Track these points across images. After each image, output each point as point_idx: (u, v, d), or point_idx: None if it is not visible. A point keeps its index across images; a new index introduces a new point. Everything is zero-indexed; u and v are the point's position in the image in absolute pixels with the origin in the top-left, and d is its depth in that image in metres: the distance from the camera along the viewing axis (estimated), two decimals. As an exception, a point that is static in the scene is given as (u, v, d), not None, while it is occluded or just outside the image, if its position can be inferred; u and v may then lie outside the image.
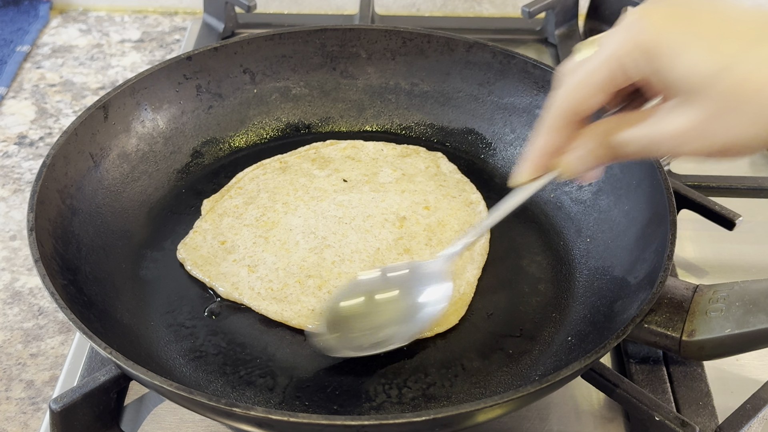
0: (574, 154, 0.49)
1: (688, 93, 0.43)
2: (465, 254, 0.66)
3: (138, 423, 0.58)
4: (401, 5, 1.11)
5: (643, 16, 0.43)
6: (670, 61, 0.43)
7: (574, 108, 0.47)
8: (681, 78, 0.43)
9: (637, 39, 0.43)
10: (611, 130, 0.47)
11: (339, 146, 0.77)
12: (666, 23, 0.43)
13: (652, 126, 0.45)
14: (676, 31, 0.43)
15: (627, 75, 0.45)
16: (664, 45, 0.43)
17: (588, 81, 0.46)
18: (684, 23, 0.43)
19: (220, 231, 0.68)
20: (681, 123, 0.44)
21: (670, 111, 0.45)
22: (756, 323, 0.54)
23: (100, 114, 0.69)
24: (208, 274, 0.64)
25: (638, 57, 0.44)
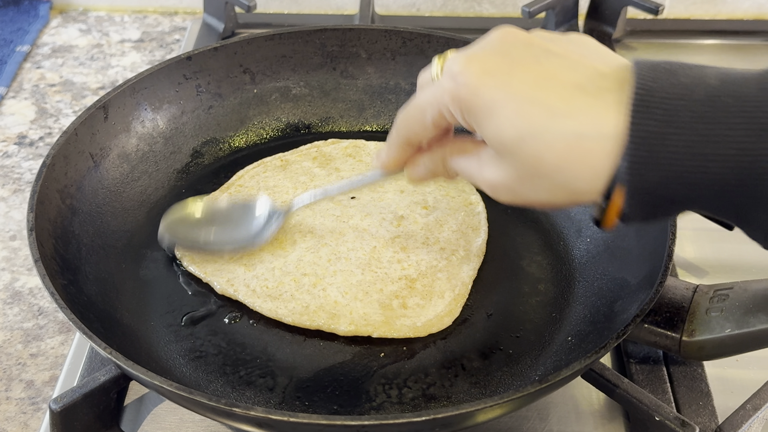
0: (417, 170, 0.54)
1: (497, 151, 0.45)
2: (461, 254, 0.66)
3: (138, 423, 0.58)
4: (401, 5, 1.11)
5: (464, 68, 0.44)
6: (482, 120, 0.44)
7: (409, 137, 0.51)
8: (491, 138, 0.44)
9: (455, 93, 0.44)
10: (450, 154, 0.51)
11: (340, 145, 0.77)
12: (481, 80, 0.43)
13: (477, 167, 0.48)
14: (488, 89, 0.43)
15: (448, 121, 0.47)
16: (476, 104, 0.43)
17: (418, 118, 0.49)
18: (499, 81, 0.43)
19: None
20: (494, 176, 0.46)
21: (490, 159, 0.47)
22: (756, 323, 0.54)
23: (100, 114, 0.69)
24: (205, 271, 0.64)
25: (455, 110, 0.45)
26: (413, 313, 0.61)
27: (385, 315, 0.61)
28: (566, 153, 0.41)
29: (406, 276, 0.63)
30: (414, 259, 0.65)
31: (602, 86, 0.41)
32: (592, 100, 0.41)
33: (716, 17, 1.10)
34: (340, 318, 0.60)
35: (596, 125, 0.40)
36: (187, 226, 0.66)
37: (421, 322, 0.61)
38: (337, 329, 0.60)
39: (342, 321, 0.60)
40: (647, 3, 0.97)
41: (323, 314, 0.60)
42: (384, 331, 0.60)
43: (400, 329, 0.60)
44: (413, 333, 0.60)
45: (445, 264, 0.65)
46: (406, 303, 0.62)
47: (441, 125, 0.48)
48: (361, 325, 0.60)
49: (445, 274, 0.64)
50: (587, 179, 0.41)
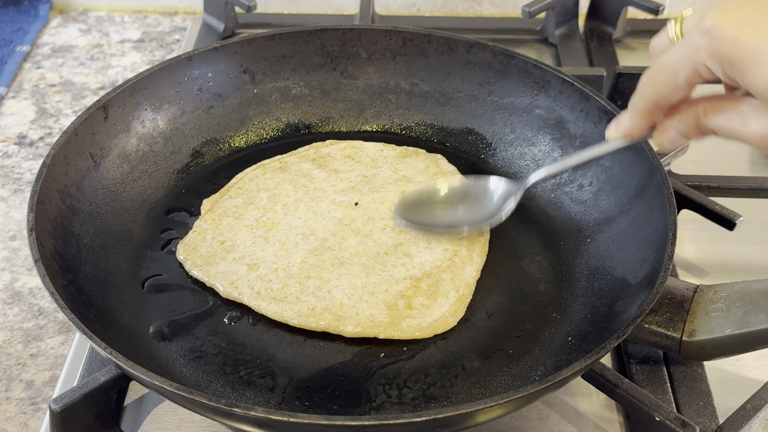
0: (669, 133, 0.52)
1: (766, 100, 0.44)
2: (464, 254, 0.66)
3: (138, 423, 0.58)
4: (401, 5, 1.11)
5: (718, 22, 0.43)
6: (747, 71, 0.43)
7: (658, 101, 0.50)
8: (759, 87, 0.43)
9: (712, 48, 0.44)
10: (704, 114, 0.50)
11: (339, 146, 0.76)
12: (741, 30, 0.43)
13: (740, 122, 0.47)
14: (751, 39, 0.43)
15: (706, 78, 0.46)
16: (739, 55, 0.43)
17: (669, 80, 0.48)
18: (759, 29, 0.42)
19: (220, 231, 0.67)
20: (764, 127, 0.45)
21: (754, 110, 0.46)
22: (756, 323, 0.54)
23: (100, 114, 0.69)
24: (207, 274, 0.64)
25: (715, 65, 0.45)
26: (418, 313, 0.61)
27: (390, 316, 0.61)
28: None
29: (410, 276, 0.63)
30: (417, 261, 0.65)
31: None
32: None
33: (716, 17, 1.09)
34: (346, 319, 0.60)
35: None
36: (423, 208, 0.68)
37: (426, 323, 0.61)
38: (343, 331, 0.60)
39: (348, 322, 0.60)
40: (647, 3, 0.97)
41: (329, 316, 0.60)
42: (390, 333, 0.60)
43: (406, 330, 0.60)
44: (419, 334, 0.60)
45: (448, 265, 0.65)
46: (412, 303, 0.62)
47: (695, 83, 0.48)
48: (368, 326, 0.60)
49: (449, 275, 0.64)
50: None
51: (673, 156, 0.74)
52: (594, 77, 0.83)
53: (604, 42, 1.00)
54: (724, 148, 0.85)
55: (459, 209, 0.68)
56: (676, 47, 0.48)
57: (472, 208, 0.67)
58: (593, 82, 0.83)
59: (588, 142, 0.71)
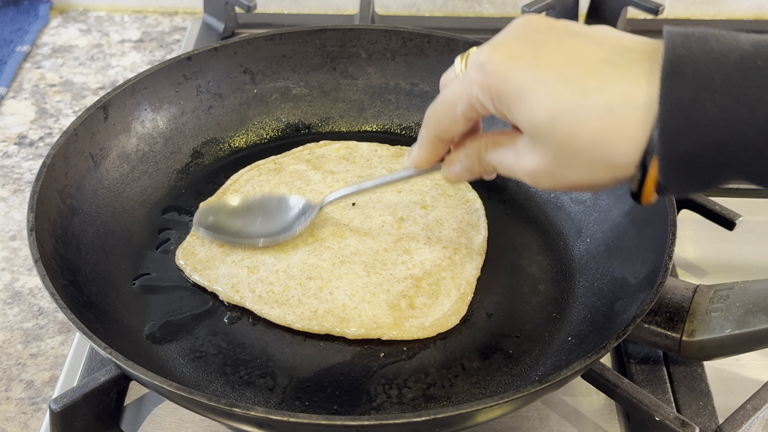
0: (453, 168, 0.54)
1: (531, 136, 0.44)
2: (463, 252, 0.66)
3: (138, 423, 0.58)
4: (401, 5, 1.11)
5: (490, 57, 0.44)
6: (513, 107, 0.44)
7: (439, 134, 0.51)
8: (523, 122, 0.44)
9: (483, 82, 0.44)
10: (485, 148, 0.51)
11: (332, 147, 0.76)
12: (509, 65, 0.43)
13: (513, 157, 0.48)
14: (517, 74, 0.43)
15: (480, 112, 0.47)
16: (506, 90, 0.43)
17: (448, 113, 0.49)
18: (526, 65, 0.43)
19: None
20: (531, 163, 0.46)
21: (525, 146, 0.46)
22: (756, 323, 0.54)
23: (100, 114, 0.69)
24: (208, 278, 0.64)
25: (485, 100, 0.45)
26: (421, 313, 0.61)
27: (393, 316, 0.61)
28: (601, 127, 0.40)
29: (411, 275, 0.63)
30: (418, 259, 0.65)
31: (630, 58, 0.41)
32: (621, 72, 0.41)
33: (716, 17, 1.10)
34: (349, 321, 0.60)
35: (628, 96, 0.40)
36: (222, 216, 0.68)
37: (429, 322, 0.61)
38: (346, 333, 0.60)
39: (351, 324, 0.60)
40: (647, 3, 0.97)
41: (332, 318, 0.60)
42: (393, 334, 0.60)
43: (409, 330, 0.60)
44: (422, 334, 0.60)
45: (448, 263, 0.65)
46: (414, 303, 0.62)
47: (472, 118, 0.48)
48: (371, 328, 0.60)
49: (450, 273, 0.64)
50: (623, 151, 0.41)
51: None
52: (594, 77, 0.83)
53: (604, 42, 1.00)
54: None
55: (257, 221, 0.67)
56: (456, 81, 0.48)
57: (269, 221, 0.67)
58: (593, 82, 0.82)
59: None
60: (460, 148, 0.53)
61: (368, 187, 0.63)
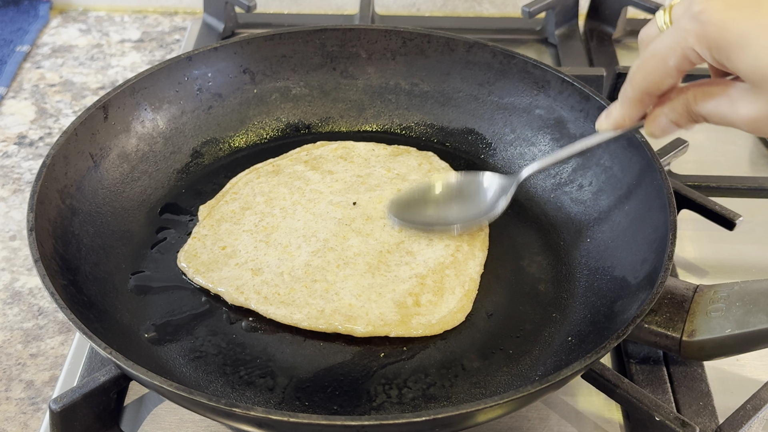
0: (660, 121, 0.52)
1: (755, 83, 0.44)
2: (465, 250, 0.66)
3: (138, 423, 0.58)
4: (401, 5, 1.11)
5: (706, 6, 0.44)
6: (734, 55, 0.44)
7: (649, 88, 0.51)
8: (746, 70, 0.44)
9: (700, 32, 0.44)
10: (694, 100, 0.50)
11: (330, 147, 0.76)
12: (727, 14, 0.43)
13: (729, 106, 0.47)
14: (737, 23, 0.43)
15: (695, 63, 0.47)
16: (726, 39, 0.43)
17: (659, 66, 0.48)
18: (746, 13, 0.43)
19: (219, 236, 0.67)
20: (753, 110, 0.45)
21: (743, 94, 0.46)
22: (756, 323, 0.54)
23: (100, 114, 0.69)
24: (212, 280, 0.64)
25: (703, 50, 0.45)
26: (426, 310, 0.61)
27: (400, 313, 0.61)
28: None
29: (416, 274, 0.64)
30: (421, 258, 0.65)
31: None
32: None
33: (716, 17, 1.09)
34: (356, 319, 0.60)
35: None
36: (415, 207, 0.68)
37: (436, 319, 0.61)
38: (354, 331, 0.60)
39: (359, 322, 0.60)
40: (647, 3, 0.97)
41: (339, 317, 0.60)
42: (401, 331, 0.60)
43: (416, 327, 0.60)
44: (429, 331, 0.60)
45: (451, 260, 0.65)
46: (419, 300, 0.62)
47: (685, 69, 0.48)
48: (378, 325, 0.60)
49: (453, 271, 0.64)
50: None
51: (673, 156, 0.74)
52: (594, 77, 0.83)
53: (604, 42, 1.00)
54: (724, 148, 0.85)
55: (453, 206, 0.68)
56: (666, 34, 0.48)
57: (466, 204, 0.68)
58: (593, 82, 0.83)
59: (588, 142, 0.71)
60: (664, 102, 0.52)
61: (567, 154, 0.63)
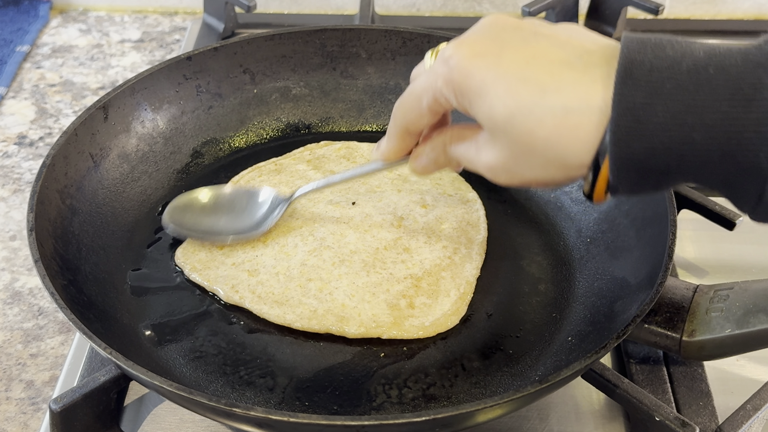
0: (420, 160, 0.54)
1: (490, 132, 0.45)
2: (463, 252, 0.66)
3: (138, 423, 0.58)
4: (401, 5, 1.11)
5: (455, 52, 0.45)
6: (474, 102, 0.45)
7: (406, 126, 0.52)
8: (482, 118, 0.45)
9: (447, 77, 0.46)
10: (450, 141, 0.52)
11: (333, 147, 0.76)
12: (473, 62, 0.44)
13: (475, 151, 0.49)
14: (479, 70, 0.44)
15: (445, 106, 0.48)
16: (468, 86, 0.45)
17: (414, 106, 0.50)
18: (489, 62, 0.44)
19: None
20: (490, 158, 0.47)
21: (484, 142, 0.47)
22: (756, 323, 0.54)
23: (100, 114, 0.69)
24: (208, 278, 0.64)
25: (448, 93, 0.46)
26: (420, 312, 0.61)
27: (393, 315, 0.61)
28: (556, 127, 0.42)
29: (411, 275, 0.63)
30: (417, 258, 0.65)
31: (589, 62, 0.42)
32: (579, 75, 0.42)
33: (716, 17, 1.10)
34: (349, 321, 0.60)
35: (583, 98, 0.41)
36: (191, 213, 0.67)
37: (429, 322, 0.61)
38: (346, 332, 0.60)
39: (351, 323, 0.60)
40: (647, 3, 0.97)
41: (332, 318, 0.60)
42: (393, 333, 0.60)
43: (409, 330, 0.60)
44: (422, 333, 0.60)
45: (448, 263, 0.65)
46: (413, 302, 0.62)
47: (437, 111, 0.49)
48: (371, 327, 0.60)
49: (449, 273, 0.64)
50: (577, 152, 0.42)
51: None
52: (594, 77, 0.83)
53: (604, 42, 1.00)
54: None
55: (224, 217, 0.67)
56: (423, 74, 0.49)
57: (239, 216, 0.67)
58: (593, 82, 0.82)
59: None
60: (427, 140, 0.54)
61: (338, 180, 0.63)
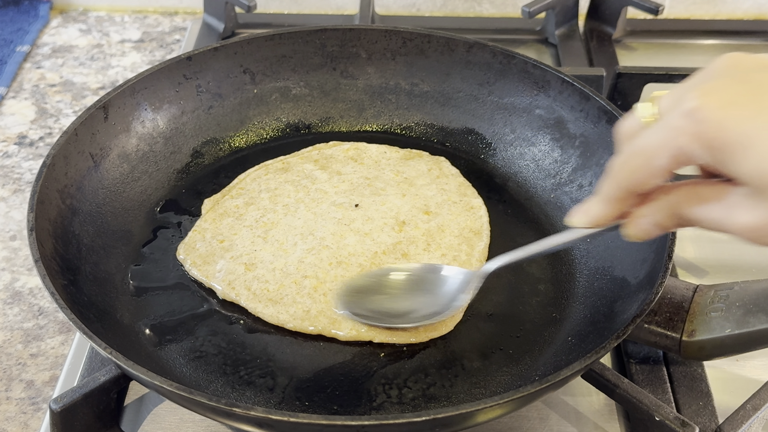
0: (641, 223, 0.48)
1: (758, 189, 0.40)
2: (462, 259, 0.66)
3: (138, 423, 0.58)
4: (401, 5, 1.11)
5: (704, 103, 0.40)
6: (735, 156, 0.40)
7: (632, 188, 0.46)
8: (748, 174, 0.40)
9: (696, 131, 0.40)
10: (682, 204, 0.46)
11: (342, 147, 0.76)
12: (726, 113, 0.39)
13: (725, 212, 0.43)
14: (738, 122, 0.39)
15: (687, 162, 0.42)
16: (726, 140, 0.39)
17: (646, 165, 0.44)
18: (749, 111, 0.39)
19: (220, 231, 0.67)
20: (753, 218, 0.42)
21: (742, 200, 0.42)
22: (756, 323, 0.54)
23: (100, 114, 0.69)
24: (206, 274, 0.64)
25: (699, 149, 0.41)
26: None
27: None
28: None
29: None
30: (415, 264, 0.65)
31: None
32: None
33: (716, 17, 1.10)
34: (341, 323, 0.60)
35: None
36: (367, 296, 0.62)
37: (422, 327, 0.60)
38: (337, 335, 0.60)
39: (343, 326, 0.60)
40: (647, 3, 0.97)
41: (324, 319, 0.60)
42: (385, 337, 0.60)
43: (401, 335, 0.60)
44: (414, 338, 0.60)
45: None
46: None
47: (674, 170, 0.43)
48: (362, 330, 0.60)
49: None
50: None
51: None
52: (594, 77, 0.83)
53: (604, 42, 1.00)
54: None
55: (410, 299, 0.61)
56: (653, 130, 0.43)
57: (425, 298, 0.61)
58: (593, 82, 0.83)
59: (587, 142, 0.71)
60: (650, 201, 0.47)
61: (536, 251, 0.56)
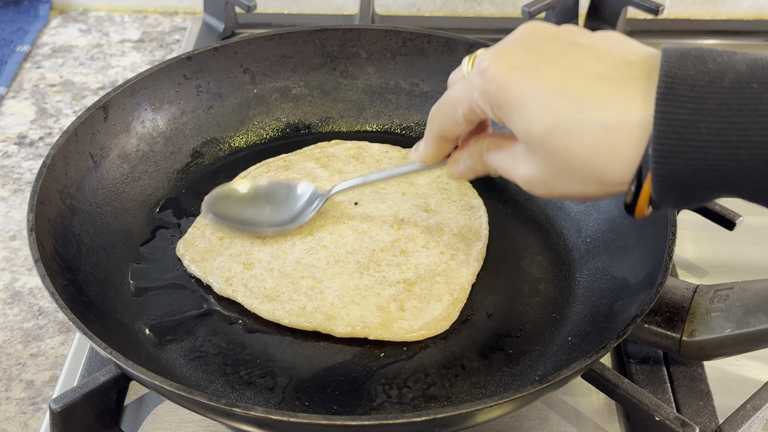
0: (458, 165, 0.54)
1: (527, 146, 0.45)
2: (460, 258, 0.65)
3: (138, 423, 0.58)
4: (401, 5, 1.11)
5: (491, 64, 0.44)
6: (511, 115, 0.44)
7: (442, 133, 0.52)
8: (520, 132, 0.44)
9: (483, 88, 0.45)
10: (487, 150, 0.52)
11: (344, 146, 0.76)
12: (509, 75, 0.44)
13: (511, 162, 0.48)
14: (516, 83, 0.43)
15: (481, 116, 0.48)
16: (505, 99, 0.44)
17: (449, 114, 0.50)
18: (526, 75, 0.43)
19: (220, 228, 0.68)
20: (527, 171, 0.47)
21: (521, 154, 0.47)
22: (756, 323, 0.54)
23: (100, 114, 0.69)
24: (204, 270, 0.64)
25: (485, 105, 0.46)
26: (411, 315, 0.61)
27: (382, 317, 0.60)
28: (595, 144, 0.41)
29: (404, 279, 0.63)
30: (413, 262, 0.65)
31: (629, 75, 0.41)
32: (618, 89, 0.41)
33: (716, 17, 1.10)
34: (336, 320, 0.60)
35: (623, 115, 0.40)
36: (231, 204, 0.68)
37: (419, 325, 0.61)
38: (333, 331, 0.60)
39: (339, 323, 0.60)
40: (647, 3, 0.97)
41: (320, 315, 0.60)
42: (380, 334, 0.60)
43: (397, 332, 0.60)
44: (410, 336, 0.60)
45: (444, 268, 0.64)
46: (404, 306, 0.62)
47: (472, 120, 0.49)
48: (358, 327, 0.60)
49: (444, 278, 0.64)
50: (617, 170, 0.41)
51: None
52: (594, 77, 0.83)
53: (604, 42, 1.00)
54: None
55: (266, 209, 0.68)
56: (459, 83, 0.49)
57: (277, 209, 0.68)
58: (593, 82, 0.82)
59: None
60: (465, 146, 0.54)
61: (376, 179, 0.64)
